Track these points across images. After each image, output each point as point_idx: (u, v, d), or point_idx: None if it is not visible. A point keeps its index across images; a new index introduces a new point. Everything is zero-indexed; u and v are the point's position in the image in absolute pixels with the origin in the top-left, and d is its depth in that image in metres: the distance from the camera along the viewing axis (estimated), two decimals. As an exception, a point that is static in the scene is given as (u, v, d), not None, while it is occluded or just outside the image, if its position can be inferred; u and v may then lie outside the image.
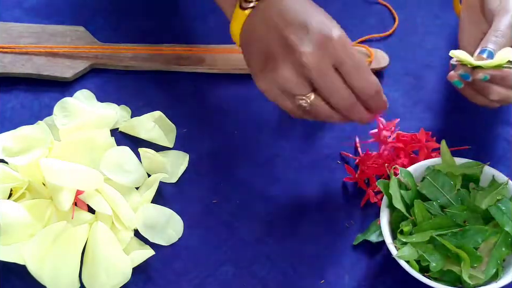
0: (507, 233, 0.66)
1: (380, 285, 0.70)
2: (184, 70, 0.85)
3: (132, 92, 0.84)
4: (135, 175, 0.75)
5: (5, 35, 0.87)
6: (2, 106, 0.82)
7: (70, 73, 0.84)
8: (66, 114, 0.79)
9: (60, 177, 0.70)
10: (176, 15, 0.91)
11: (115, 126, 0.80)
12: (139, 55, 0.85)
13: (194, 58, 0.85)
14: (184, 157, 0.78)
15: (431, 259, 0.65)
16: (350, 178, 0.76)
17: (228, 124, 0.81)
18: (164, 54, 0.86)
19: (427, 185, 0.69)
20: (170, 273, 0.70)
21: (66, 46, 0.86)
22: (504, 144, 0.79)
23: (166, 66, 0.85)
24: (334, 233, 0.73)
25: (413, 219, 0.67)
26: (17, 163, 0.73)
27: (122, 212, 0.71)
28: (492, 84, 0.68)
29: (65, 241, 0.69)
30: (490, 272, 0.65)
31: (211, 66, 0.85)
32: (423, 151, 0.75)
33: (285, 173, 0.77)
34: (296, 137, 0.80)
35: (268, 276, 0.70)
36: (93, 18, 0.90)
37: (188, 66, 0.85)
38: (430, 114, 0.81)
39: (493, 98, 0.68)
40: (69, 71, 0.84)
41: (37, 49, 0.85)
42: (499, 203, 0.67)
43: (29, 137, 0.75)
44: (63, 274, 0.68)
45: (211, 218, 0.74)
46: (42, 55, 0.85)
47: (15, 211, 0.69)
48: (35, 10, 0.91)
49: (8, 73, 0.84)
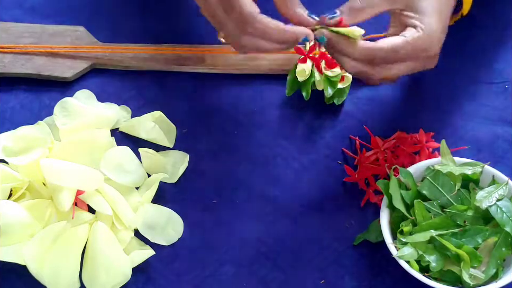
0: (507, 233, 0.66)
1: (380, 285, 0.70)
2: (184, 70, 0.85)
3: (132, 92, 0.84)
4: (135, 175, 0.75)
5: (5, 35, 0.87)
6: (2, 106, 0.82)
7: (70, 73, 0.84)
8: (66, 114, 0.79)
9: (60, 177, 0.70)
10: (177, 15, 0.91)
11: (115, 126, 0.80)
12: (139, 55, 0.85)
13: (195, 58, 0.85)
14: (184, 157, 0.78)
15: (431, 259, 0.65)
16: (350, 178, 0.76)
17: (228, 124, 0.81)
18: (164, 54, 0.86)
19: (427, 185, 0.69)
20: (170, 273, 0.70)
21: (67, 46, 0.86)
22: (504, 144, 0.79)
23: (167, 66, 0.85)
24: (334, 233, 0.73)
25: (413, 219, 0.67)
26: (17, 163, 0.73)
27: (123, 212, 0.71)
28: (344, 56, 0.69)
29: (65, 241, 0.69)
30: (490, 272, 0.65)
31: (212, 66, 0.85)
32: (424, 152, 0.75)
33: (285, 173, 0.77)
34: (297, 137, 0.80)
35: (268, 276, 0.70)
36: (93, 18, 0.90)
37: (188, 66, 0.85)
38: (430, 114, 0.81)
39: (349, 70, 0.70)
40: (69, 71, 0.84)
41: (37, 49, 0.85)
42: (499, 203, 0.67)
43: (29, 137, 0.75)
44: (63, 274, 0.68)
45: (211, 218, 0.74)
46: (42, 55, 0.85)
47: (14, 212, 0.69)
48: (35, 10, 0.91)
49: (8, 73, 0.84)
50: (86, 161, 0.73)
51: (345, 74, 0.79)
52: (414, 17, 0.71)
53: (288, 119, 0.81)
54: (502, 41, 0.87)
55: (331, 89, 0.78)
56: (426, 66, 0.72)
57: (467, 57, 0.86)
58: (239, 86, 0.84)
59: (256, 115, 0.82)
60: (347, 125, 0.80)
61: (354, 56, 0.69)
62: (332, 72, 0.78)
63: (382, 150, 0.76)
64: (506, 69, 0.85)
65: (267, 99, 0.83)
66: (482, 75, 0.85)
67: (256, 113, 0.82)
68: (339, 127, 0.80)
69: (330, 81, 0.78)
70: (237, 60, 0.84)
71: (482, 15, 0.89)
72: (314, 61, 0.78)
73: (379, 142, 0.77)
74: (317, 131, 0.80)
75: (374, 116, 0.81)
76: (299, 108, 0.82)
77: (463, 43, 0.86)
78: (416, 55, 0.70)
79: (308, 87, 0.79)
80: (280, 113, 0.82)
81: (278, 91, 0.83)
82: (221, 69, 0.84)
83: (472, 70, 0.85)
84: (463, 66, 0.85)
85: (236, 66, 0.84)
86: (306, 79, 0.78)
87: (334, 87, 0.78)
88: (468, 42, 0.87)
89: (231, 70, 0.84)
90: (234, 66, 0.84)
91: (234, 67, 0.84)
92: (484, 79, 0.84)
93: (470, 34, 0.87)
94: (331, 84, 0.78)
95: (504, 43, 0.87)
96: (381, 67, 0.70)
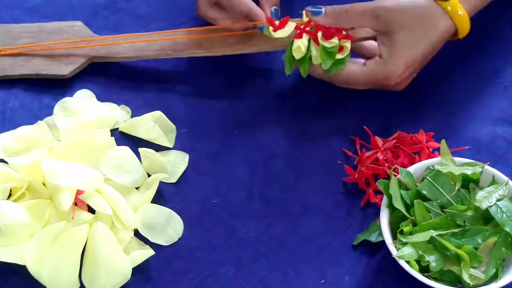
0: (507, 233, 0.66)
1: (380, 285, 0.70)
2: (181, 56, 0.83)
3: (132, 92, 0.83)
4: (135, 175, 0.75)
5: (3, 37, 0.87)
6: (2, 106, 0.82)
7: (67, 69, 0.83)
8: (66, 114, 0.79)
9: (60, 177, 0.70)
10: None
11: (115, 126, 0.80)
12: (136, 45, 0.84)
13: (191, 42, 0.84)
14: (184, 157, 0.78)
15: (431, 259, 0.65)
16: (350, 178, 0.76)
17: (228, 124, 0.81)
18: (160, 41, 0.84)
19: (427, 185, 0.69)
20: (170, 273, 0.70)
21: (63, 41, 0.85)
22: (504, 144, 0.79)
23: (164, 52, 0.83)
24: (334, 233, 0.73)
25: (413, 219, 0.67)
26: (17, 163, 0.73)
27: (122, 212, 0.71)
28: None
29: (65, 241, 0.69)
30: (490, 272, 0.65)
31: (209, 49, 0.83)
32: (424, 152, 0.75)
33: (285, 173, 0.77)
34: (297, 137, 0.80)
35: (268, 276, 0.70)
36: (93, 17, 0.90)
37: (185, 51, 0.83)
38: (430, 114, 0.81)
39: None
40: (66, 68, 0.84)
41: (35, 48, 0.85)
42: (499, 203, 0.67)
43: (29, 137, 0.75)
44: (63, 274, 0.68)
45: (211, 218, 0.74)
46: (39, 54, 0.85)
47: (14, 212, 0.69)
48: (36, 10, 0.91)
49: (7, 76, 0.84)
50: (86, 161, 0.73)
51: (343, 45, 0.77)
52: (386, 44, 0.75)
53: (288, 119, 0.81)
54: (502, 41, 0.87)
55: (329, 61, 0.76)
56: (384, 88, 0.78)
57: (467, 57, 0.86)
58: (239, 86, 0.84)
59: (256, 114, 0.82)
60: (347, 125, 0.80)
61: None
62: (330, 43, 0.76)
63: (382, 150, 0.76)
64: (506, 69, 0.85)
65: (267, 99, 0.83)
66: (482, 75, 0.84)
67: (256, 113, 0.82)
68: (339, 127, 0.80)
69: (328, 52, 0.76)
70: (234, 39, 0.83)
71: (482, 15, 0.89)
72: (311, 34, 0.77)
73: (379, 142, 0.77)
74: (317, 131, 0.80)
75: (374, 116, 0.81)
76: (299, 108, 0.82)
77: (463, 43, 0.86)
78: (372, 83, 0.77)
79: (305, 64, 0.77)
80: (280, 112, 0.82)
81: (278, 91, 0.83)
82: (219, 51, 0.83)
83: (472, 70, 0.85)
84: (463, 66, 0.85)
85: (234, 46, 0.83)
86: (303, 56, 0.77)
87: (332, 58, 0.76)
88: (468, 42, 0.87)
89: (230, 52, 0.83)
90: (232, 47, 0.83)
91: (232, 48, 0.83)
92: (484, 79, 0.84)
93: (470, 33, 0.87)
94: (329, 56, 0.76)
95: (504, 43, 0.87)
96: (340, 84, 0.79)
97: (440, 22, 0.75)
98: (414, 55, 0.75)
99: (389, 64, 0.75)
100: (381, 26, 0.75)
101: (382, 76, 0.76)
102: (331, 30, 0.76)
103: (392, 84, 0.77)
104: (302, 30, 0.77)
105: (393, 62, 0.75)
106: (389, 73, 0.75)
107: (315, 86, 0.82)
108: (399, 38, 0.74)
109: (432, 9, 0.75)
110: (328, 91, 0.82)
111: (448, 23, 0.75)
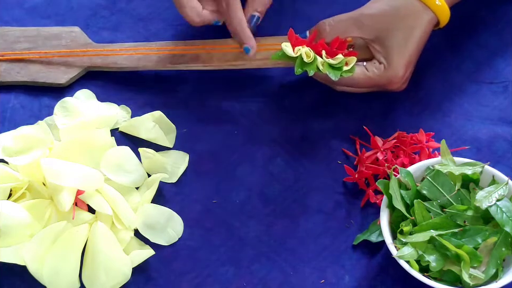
0: (507, 233, 0.66)
1: (380, 285, 0.70)
2: (179, 69, 0.84)
3: (132, 92, 0.84)
4: (135, 175, 0.75)
5: (0, 41, 0.86)
6: (2, 106, 0.82)
7: (64, 79, 0.83)
8: (66, 114, 0.79)
9: (60, 177, 0.70)
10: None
11: (115, 126, 0.80)
12: (132, 57, 0.84)
13: (189, 56, 0.84)
14: (184, 157, 0.78)
15: (431, 259, 0.65)
16: (350, 178, 0.76)
17: (228, 124, 0.81)
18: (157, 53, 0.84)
19: (427, 185, 0.69)
20: (170, 273, 0.70)
21: (61, 51, 0.85)
22: (504, 144, 0.79)
23: (161, 65, 0.84)
24: (334, 233, 0.73)
25: (413, 219, 0.67)
26: (17, 163, 0.73)
27: (122, 212, 0.71)
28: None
29: (65, 241, 0.69)
30: (490, 272, 0.65)
31: (207, 63, 0.83)
32: (424, 152, 0.75)
33: (285, 173, 0.77)
34: (296, 137, 0.80)
35: (268, 276, 0.70)
36: (93, 18, 0.90)
37: (182, 64, 0.84)
38: (430, 113, 0.81)
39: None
40: (63, 77, 0.83)
41: (32, 55, 0.85)
42: (498, 202, 0.67)
43: (29, 137, 0.75)
44: (63, 274, 0.68)
45: (211, 218, 0.74)
46: (36, 61, 0.85)
47: (14, 212, 0.69)
48: (36, 10, 0.91)
49: (4, 82, 0.83)
50: (86, 161, 0.73)
51: (348, 59, 0.77)
52: (380, 52, 0.78)
53: (288, 119, 0.81)
54: (502, 41, 0.87)
55: (337, 73, 0.76)
56: (388, 90, 0.80)
57: (467, 57, 0.86)
58: (239, 86, 0.84)
59: (256, 115, 0.82)
60: (347, 125, 0.80)
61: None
62: (335, 60, 0.76)
63: (382, 150, 0.76)
64: (506, 69, 0.85)
65: (267, 99, 0.83)
66: (482, 75, 0.85)
67: (256, 113, 0.82)
68: (339, 127, 0.80)
69: (334, 67, 0.76)
70: (232, 55, 0.83)
71: (482, 14, 0.89)
72: (315, 50, 0.77)
73: (379, 142, 0.77)
74: (317, 130, 0.80)
75: (374, 116, 0.81)
76: (299, 108, 0.82)
77: (463, 42, 0.86)
78: (376, 86, 0.79)
79: (313, 67, 0.76)
80: (280, 112, 0.82)
81: (278, 91, 0.83)
82: (217, 65, 0.83)
83: (472, 69, 0.85)
84: (463, 66, 0.85)
85: (231, 62, 0.83)
86: (312, 61, 0.76)
87: (339, 70, 0.76)
88: (469, 42, 0.87)
89: (226, 66, 0.83)
90: (229, 62, 0.83)
91: (229, 63, 0.83)
92: (484, 79, 0.84)
93: (470, 33, 0.88)
94: (335, 70, 0.76)
95: (505, 42, 0.87)
96: (343, 88, 0.80)
97: (423, 16, 0.77)
98: (409, 54, 0.77)
99: (390, 69, 0.77)
100: (367, 34, 0.77)
101: (386, 81, 0.78)
102: (333, 49, 0.77)
103: (395, 87, 0.79)
104: (307, 45, 0.77)
105: (393, 67, 0.77)
106: (392, 77, 0.77)
107: (315, 86, 0.82)
108: (391, 43, 0.76)
109: (412, 4, 0.77)
110: (328, 92, 0.82)
111: (430, 15, 0.77)
